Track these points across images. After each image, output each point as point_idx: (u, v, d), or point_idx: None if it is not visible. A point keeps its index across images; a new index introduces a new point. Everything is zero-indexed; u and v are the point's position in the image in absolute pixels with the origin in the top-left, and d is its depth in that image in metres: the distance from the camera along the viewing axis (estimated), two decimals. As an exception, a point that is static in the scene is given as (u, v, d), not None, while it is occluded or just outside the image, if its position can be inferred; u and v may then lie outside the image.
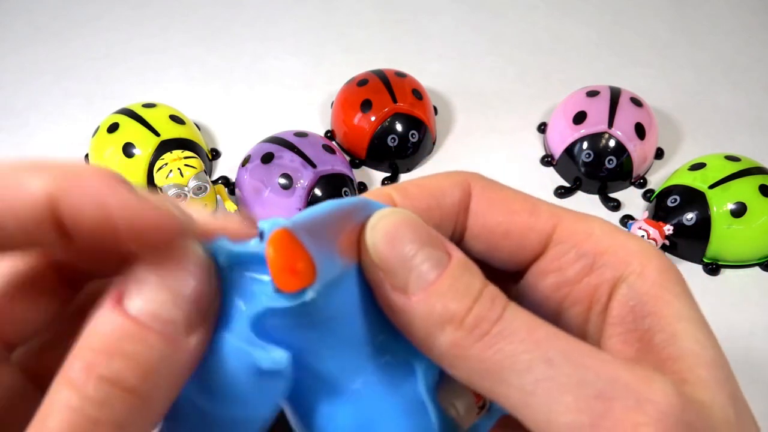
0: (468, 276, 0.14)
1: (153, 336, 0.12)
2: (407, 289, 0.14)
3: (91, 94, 0.68)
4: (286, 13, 0.78)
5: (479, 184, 0.17)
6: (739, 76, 0.70)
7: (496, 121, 0.65)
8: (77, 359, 0.11)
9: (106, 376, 0.11)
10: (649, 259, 0.15)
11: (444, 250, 0.15)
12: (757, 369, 0.46)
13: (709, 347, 0.14)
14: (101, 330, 0.12)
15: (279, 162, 0.52)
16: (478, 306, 0.14)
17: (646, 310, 0.15)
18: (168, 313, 0.12)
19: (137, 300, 0.12)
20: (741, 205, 0.49)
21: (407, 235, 0.14)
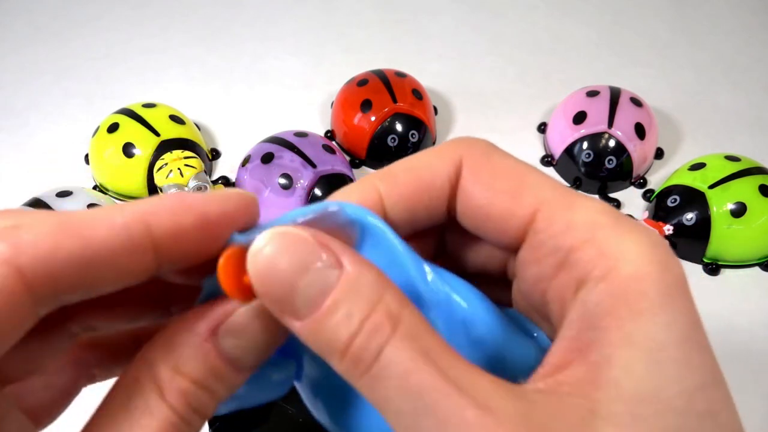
0: (354, 299, 0.13)
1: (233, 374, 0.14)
2: (296, 314, 0.14)
3: (91, 94, 0.68)
4: (286, 13, 0.78)
5: (470, 159, 0.17)
6: (739, 76, 0.70)
7: (496, 121, 0.65)
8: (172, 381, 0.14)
9: (196, 407, 0.14)
10: (620, 263, 0.14)
11: (333, 262, 0.14)
12: (757, 369, 0.46)
13: (645, 379, 0.13)
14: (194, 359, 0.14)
15: (279, 162, 0.52)
16: (358, 340, 0.13)
17: (593, 323, 0.14)
18: (247, 361, 0.15)
19: (229, 340, 0.14)
20: (741, 205, 0.49)
21: (286, 259, 0.13)
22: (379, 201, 0.17)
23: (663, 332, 0.13)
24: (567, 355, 0.14)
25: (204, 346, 0.14)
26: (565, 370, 0.14)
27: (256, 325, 0.14)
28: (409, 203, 0.17)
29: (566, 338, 0.14)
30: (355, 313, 0.13)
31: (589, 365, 0.13)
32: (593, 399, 0.13)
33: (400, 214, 0.17)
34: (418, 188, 0.17)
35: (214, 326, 0.14)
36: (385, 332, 0.13)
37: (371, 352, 0.13)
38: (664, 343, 0.13)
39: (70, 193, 0.50)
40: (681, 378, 0.13)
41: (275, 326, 0.15)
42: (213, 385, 0.14)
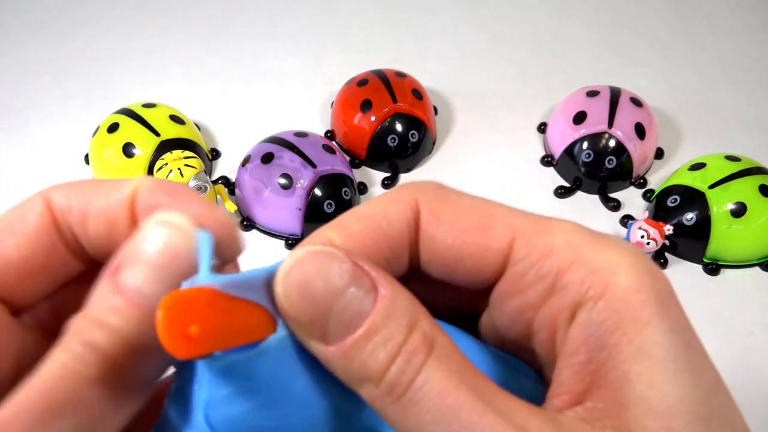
0: (391, 325, 0.13)
1: (128, 308, 0.13)
2: (326, 339, 0.13)
3: (91, 94, 0.68)
4: (286, 13, 0.78)
5: (427, 202, 0.16)
6: (739, 76, 0.70)
7: (496, 121, 0.65)
8: (75, 323, 0.13)
9: (90, 342, 0.13)
10: (615, 277, 0.14)
11: (368, 286, 0.13)
12: (757, 369, 0.46)
13: (668, 390, 0.13)
14: (96, 299, 0.14)
15: (279, 162, 0.52)
16: (395, 366, 0.13)
17: (602, 342, 0.13)
18: (149, 289, 0.13)
19: (127, 271, 0.14)
20: (741, 205, 0.49)
21: (321, 282, 0.13)
22: None
23: (670, 340, 0.13)
24: (582, 381, 0.14)
25: (102, 284, 0.14)
26: (588, 396, 0.14)
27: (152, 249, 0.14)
28: (366, 255, 0.15)
29: (575, 363, 0.14)
30: (394, 337, 0.13)
31: (610, 386, 0.13)
32: (625, 418, 0.13)
33: None
34: (374, 238, 0.16)
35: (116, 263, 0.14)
36: (421, 355, 0.13)
37: (408, 375, 0.13)
38: (673, 351, 0.13)
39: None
40: (696, 385, 0.13)
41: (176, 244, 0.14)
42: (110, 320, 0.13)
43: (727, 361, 0.46)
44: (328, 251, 0.13)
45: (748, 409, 0.47)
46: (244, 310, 0.13)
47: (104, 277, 0.14)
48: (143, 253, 0.14)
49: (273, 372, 0.14)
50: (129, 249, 0.14)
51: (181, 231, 0.14)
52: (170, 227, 0.14)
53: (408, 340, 0.13)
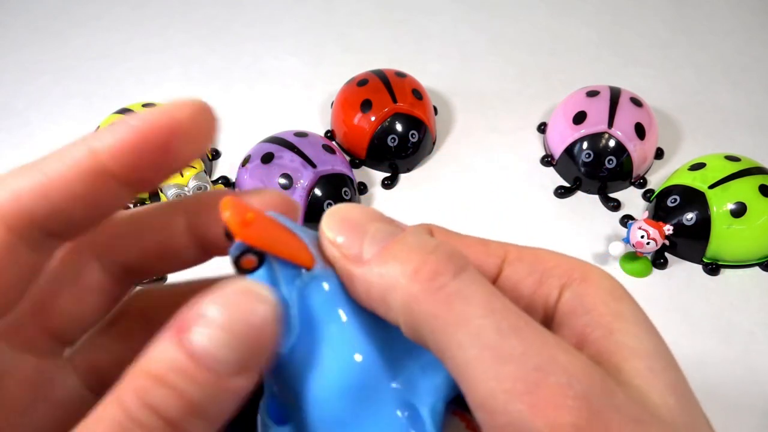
0: (421, 235, 0.15)
1: (204, 375, 0.13)
2: (362, 255, 0.15)
3: (91, 94, 0.68)
4: (286, 13, 0.78)
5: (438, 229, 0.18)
6: (739, 76, 0.70)
7: (496, 121, 0.65)
8: (132, 381, 0.13)
9: (152, 405, 0.12)
10: (590, 269, 0.17)
11: (397, 224, 0.16)
12: (757, 369, 0.46)
13: (645, 341, 0.15)
14: (159, 357, 0.13)
15: (279, 162, 0.52)
16: (434, 259, 0.14)
17: (585, 309, 0.16)
18: (224, 356, 0.13)
19: (198, 331, 0.13)
20: (741, 205, 0.49)
21: (359, 213, 0.15)
22: None
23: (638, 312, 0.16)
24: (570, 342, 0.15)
25: (167, 341, 0.13)
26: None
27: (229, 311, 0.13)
28: None
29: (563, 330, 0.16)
30: (428, 242, 0.14)
31: (596, 342, 0.15)
32: (614, 361, 0.14)
33: None
34: None
35: (183, 321, 0.13)
36: (461, 258, 0.14)
37: (453, 268, 0.14)
38: (642, 317, 0.16)
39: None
40: (662, 343, 0.15)
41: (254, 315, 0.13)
42: (177, 382, 0.12)
43: (727, 361, 0.46)
44: (363, 205, 0.16)
45: (748, 409, 0.47)
46: (294, 241, 0.16)
47: (168, 333, 0.13)
48: (220, 318, 0.13)
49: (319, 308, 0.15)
50: (202, 310, 0.13)
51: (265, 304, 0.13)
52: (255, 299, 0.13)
53: (443, 245, 0.14)
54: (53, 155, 0.15)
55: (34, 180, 0.15)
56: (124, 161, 0.15)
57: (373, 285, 0.14)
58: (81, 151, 0.15)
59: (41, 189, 0.14)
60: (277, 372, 0.15)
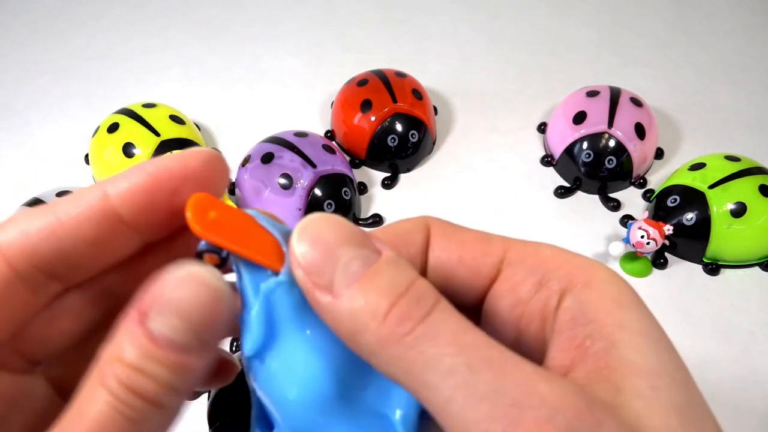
0: (395, 271, 0.14)
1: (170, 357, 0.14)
2: (332, 288, 0.14)
3: (91, 94, 0.68)
4: (286, 13, 0.78)
5: (437, 224, 0.18)
6: (739, 76, 0.70)
7: (496, 121, 0.65)
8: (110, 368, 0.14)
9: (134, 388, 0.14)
10: (595, 271, 0.16)
11: (372, 247, 0.14)
12: (757, 369, 0.46)
13: (650, 356, 0.14)
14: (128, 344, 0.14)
15: (279, 162, 0.52)
16: (403, 303, 0.13)
17: (587, 318, 0.15)
18: (183, 339, 0.14)
19: (156, 320, 0.14)
20: (741, 205, 0.49)
21: (333, 234, 0.14)
22: None
23: (645, 318, 0.15)
24: (568, 355, 0.15)
25: (135, 331, 0.14)
26: (574, 368, 0.14)
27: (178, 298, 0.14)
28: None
29: (562, 340, 0.15)
30: (400, 280, 0.14)
31: (596, 355, 0.14)
32: (614, 379, 0.14)
33: None
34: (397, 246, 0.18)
35: (142, 308, 0.14)
36: (431, 297, 0.14)
37: (421, 310, 0.13)
38: (649, 330, 0.14)
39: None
40: (673, 360, 0.14)
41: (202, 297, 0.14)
42: (150, 368, 0.14)
43: (727, 361, 0.46)
44: (338, 217, 0.15)
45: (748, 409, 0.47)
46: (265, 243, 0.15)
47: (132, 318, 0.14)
48: (174, 302, 0.14)
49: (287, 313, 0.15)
50: (158, 294, 0.14)
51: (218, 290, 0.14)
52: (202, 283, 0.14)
53: (414, 284, 0.14)
54: (69, 198, 0.15)
55: (45, 221, 0.15)
56: (135, 205, 0.15)
57: (342, 322, 0.14)
58: (95, 196, 0.15)
59: (50, 231, 0.15)
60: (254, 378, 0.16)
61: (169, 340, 0.14)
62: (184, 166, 0.15)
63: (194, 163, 0.16)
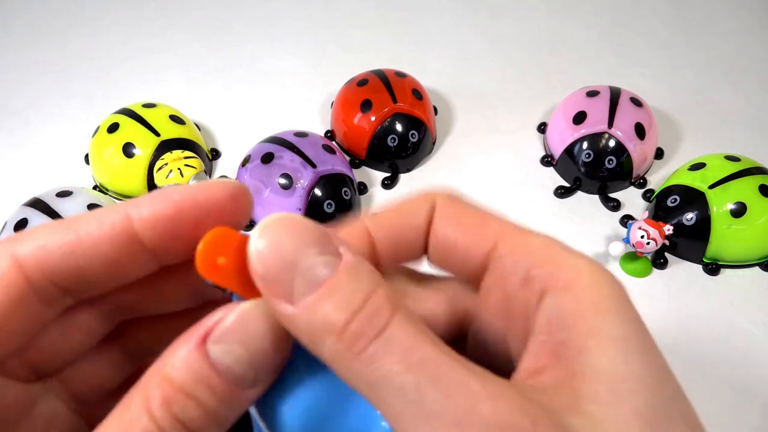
0: (354, 283, 0.14)
1: (223, 386, 0.14)
2: (291, 298, 0.14)
3: (91, 94, 0.68)
4: (286, 13, 0.78)
5: (442, 201, 0.18)
6: (739, 76, 0.70)
7: (496, 121, 0.65)
8: (158, 388, 0.14)
9: (178, 416, 0.13)
10: (578, 272, 0.15)
11: (333, 251, 0.14)
12: (757, 369, 0.46)
13: (617, 361, 0.14)
14: (184, 367, 0.14)
15: (279, 162, 0.52)
16: (358, 319, 0.13)
17: (562, 323, 0.14)
18: (242, 370, 0.14)
19: (219, 347, 0.14)
20: (741, 205, 0.49)
21: (291, 238, 0.14)
22: (368, 234, 0.18)
23: (625, 326, 0.14)
24: (541, 359, 0.15)
25: (192, 353, 0.14)
26: (544, 371, 0.14)
27: (247, 330, 0.14)
28: (394, 237, 0.18)
29: (537, 343, 0.15)
30: (357, 294, 0.13)
31: (565, 361, 0.14)
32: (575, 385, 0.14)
33: (386, 246, 0.18)
34: (400, 225, 0.18)
35: (204, 333, 0.14)
36: (386, 312, 0.13)
37: (374, 327, 0.13)
38: (627, 333, 0.14)
39: (70, 193, 0.50)
40: (647, 364, 0.14)
41: (269, 334, 0.14)
42: (201, 395, 0.14)
43: (727, 361, 0.46)
44: (298, 218, 0.14)
45: (748, 409, 0.47)
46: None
47: (190, 340, 0.14)
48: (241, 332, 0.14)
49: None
50: (228, 322, 0.14)
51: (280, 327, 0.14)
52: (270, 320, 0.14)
53: (371, 297, 0.14)
54: (91, 216, 0.15)
55: (65, 237, 0.15)
56: (156, 232, 0.15)
57: (301, 333, 0.14)
58: (118, 218, 0.15)
59: (70, 248, 0.15)
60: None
61: (228, 369, 0.14)
62: (210, 197, 0.15)
63: (220, 194, 0.16)
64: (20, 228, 0.47)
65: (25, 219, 0.48)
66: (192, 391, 0.13)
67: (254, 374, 0.14)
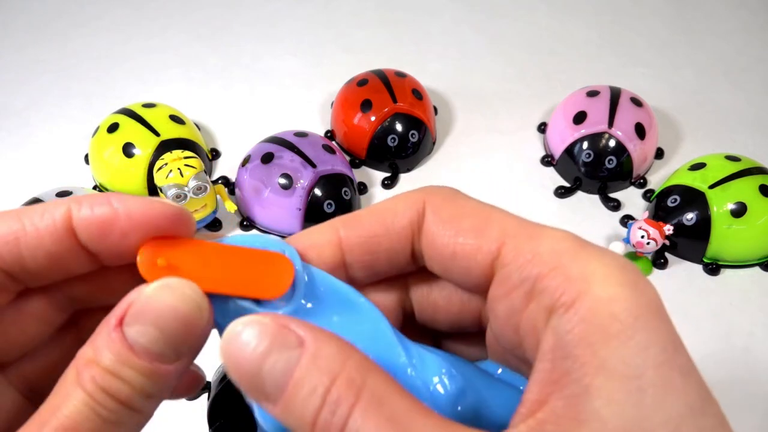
0: (314, 376, 0.14)
1: (145, 365, 0.15)
2: (269, 398, 0.14)
3: (90, 94, 0.68)
4: (286, 13, 0.78)
5: (433, 203, 0.17)
6: (739, 76, 0.70)
7: (496, 121, 0.65)
8: (87, 370, 0.14)
9: (109, 391, 0.14)
10: (588, 284, 0.13)
11: (296, 342, 0.14)
12: (757, 369, 0.46)
13: (626, 412, 0.12)
14: (105, 349, 0.15)
15: (279, 162, 0.52)
16: (322, 416, 0.13)
17: (567, 351, 0.13)
18: (159, 349, 0.15)
19: (134, 328, 0.15)
20: (741, 205, 0.49)
21: (248, 351, 0.14)
22: (338, 243, 0.17)
23: (639, 356, 0.13)
24: (544, 389, 0.13)
25: (111, 336, 0.14)
26: (545, 405, 0.13)
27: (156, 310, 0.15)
28: (370, 246, 0.17)
29: (541, 371, 0.14)
30: (318, 387, 0.13)
31: (568, 398, 0.13)
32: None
33: (360, 256, 0.17)
34: (378, 231, 0.17)
35: (120, 315, 0.15)
36: (348, 402, 0.13)
37: (336, 425, 0.13)
38: (641, 367, 0.12)
39: (70, 193, 0.50)
40: (664, 404, 0.12)
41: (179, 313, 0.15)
42: (125, 374, 0.14)
43: (727, 361, 0.46)
44: (254, 320, 0.14)
45: (748, 409, 0.47)
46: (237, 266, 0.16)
47: (110, 324, 0.15)
48: (152, 312, 0.15)
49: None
50: (138, 304, 0.15)
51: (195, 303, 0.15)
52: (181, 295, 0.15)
53: (331, 389, 0.13)
54: (38, 208, 0.16)
55: (12, 227, 0.15)
56: (91, 234, 0.16)
57: (290, 428, 0.14)
58: (60, 212, 0.16)
59: (14, 235, 0.15)
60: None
61: (145, 349, 0.14)
62: (146, 214, 0.16)
63: (158, 214, 0.16)
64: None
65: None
66: (117, 371, 0.14)
67: (173, 351, 0.15)
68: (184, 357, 0.15)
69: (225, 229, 0.55)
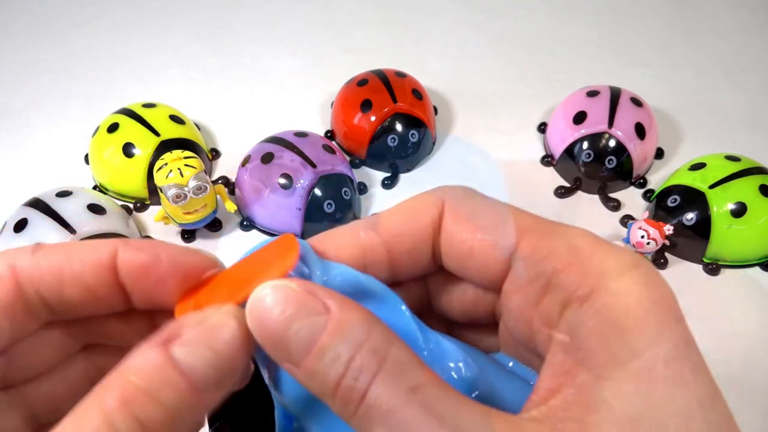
0: (339, 343, 0.14)
1: (186, 387, 0.14)
2: (292, 360, 0.14)
3: (91, 94, 0.68)
4: (286, 13, 0.78)
5: (451, 201, 0.17)
6: (739, 76, 0.70)
7: (496, 121, 0.65)
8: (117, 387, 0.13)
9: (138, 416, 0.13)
10: (604, 279, 0.14)
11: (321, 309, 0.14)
12: (757, 369, 0.46)
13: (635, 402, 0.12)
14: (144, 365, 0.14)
15: (279, 162, 0.52)
16: (344, 383, 0.14)
17: (580, 342, 0.14)
18: (205, 371, 0.14)
19: (184, 348, 0.14)
20: (741, 205, 0.49)
21: (277, 311, 0.14)
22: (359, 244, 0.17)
23: (651, 349, 0.13)
24: (557, 379, 0.14)
25: (156, 354, 0.14)
26: (557, 394, 0.14)
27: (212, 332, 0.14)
28: (393, 245, 0.17)
29: (554, 362, 0.14)
30: (342, 354, 0.14)
31: (579, 387, 0.13)
32: (586, 422, 0.13)
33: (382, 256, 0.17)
34: (403, 230, 0.17)
35: (167, 337, 0.14)
36: (370, 371, 0.13)
37: (358, 391, 0.13)
38: (653, 360, 0.13)
39: (70, 193, 0.50)
40: (674, 398, 0.12)
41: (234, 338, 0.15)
42: (163, 395, 0.13)
43: (727, 361, 0.46)
44: (282, 284, 0.14)
45: (748, 409, 0.47)
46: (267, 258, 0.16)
47: (153, 343, 0.14)
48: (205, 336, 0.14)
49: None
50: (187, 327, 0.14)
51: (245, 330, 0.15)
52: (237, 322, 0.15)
53: (355, 357, 0.14)
54: (86, 245, 0.16)
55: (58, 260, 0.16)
56: (134, 278, 0.16)
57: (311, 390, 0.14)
58: (106, 252, 0.16)
59: (59, 269, 0.16)
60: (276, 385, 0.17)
61: (192, 369, 0.14)
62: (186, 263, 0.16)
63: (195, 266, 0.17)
64: (20, 228, 0.47)
65: (24, 219, 0.48)
66: (154, 392, 0.13)
67: (218, 377, 0.14)
68: (223, 388, 0.15)
69: (225, 229, 0.55)
